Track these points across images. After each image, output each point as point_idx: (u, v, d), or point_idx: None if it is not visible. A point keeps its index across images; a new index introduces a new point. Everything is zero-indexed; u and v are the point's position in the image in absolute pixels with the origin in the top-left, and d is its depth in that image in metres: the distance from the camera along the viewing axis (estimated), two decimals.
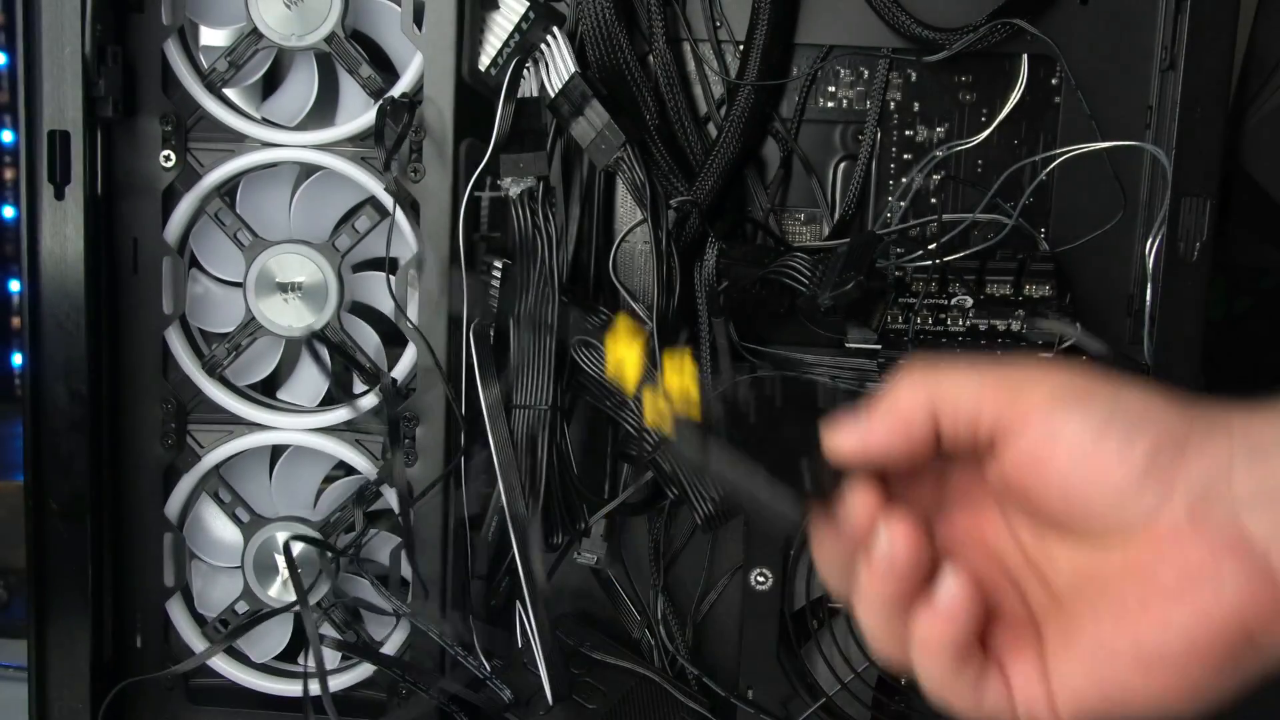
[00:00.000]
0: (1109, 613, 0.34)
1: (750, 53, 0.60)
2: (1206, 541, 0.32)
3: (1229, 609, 0.32)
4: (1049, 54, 0.61)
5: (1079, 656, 0.34)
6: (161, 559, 0.63)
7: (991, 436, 0.35)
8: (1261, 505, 0.32)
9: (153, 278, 0.61)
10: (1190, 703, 0.33)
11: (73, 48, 0.57)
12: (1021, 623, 0.36)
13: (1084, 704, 0.34)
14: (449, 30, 0.57)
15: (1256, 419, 0.33)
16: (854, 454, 0.36)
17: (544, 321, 0.58)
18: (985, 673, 0.35)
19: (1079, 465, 0.34)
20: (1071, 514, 0.35)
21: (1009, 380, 0.35)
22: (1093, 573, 0.35)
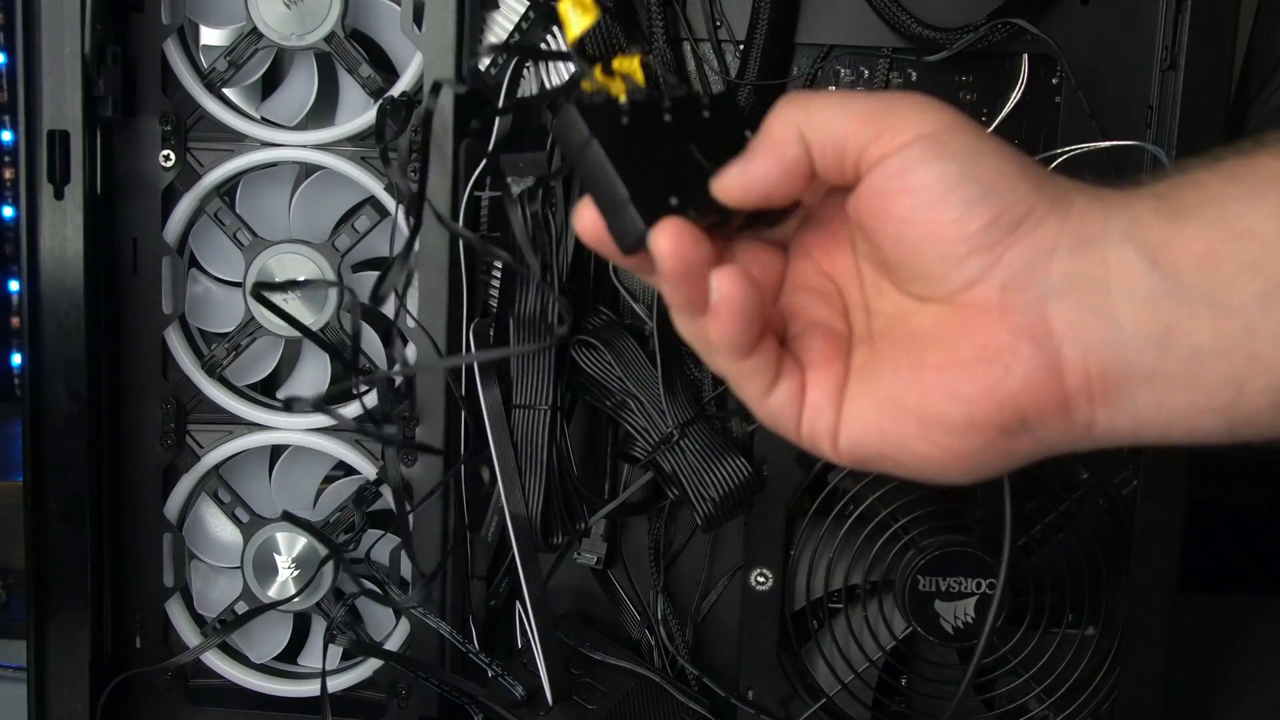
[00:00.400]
0: (907, 367, 0.36)
1: (750, 52, 0.60)
2: (1009, 323, 0.33)
3: (1011, 393, 0.33)
4: (1050, 54, 0.61)
5: (871, 399, 0.36)
6: (161, 559, 0.63)
7: (856, 168, 0.36)
8: (1068, 296, 0.33)
9: (152, 277, 0.61)
10: (957, 469, 0.35)
11: (72, 47, 0.57)
12: (838, 346, 0.38)
13: (861, 443, 0.36)
14: (449, 29, 0.57)
15: (1097, 207, 0.34)
16: (739, 194, 0.37)
17: (544, 322, 0.58)
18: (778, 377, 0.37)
19: (917, 218, 0.34)
20: (901, 261, 0.36)
21: (878, 113, 0.35)
22: (907, 323, 0.37)
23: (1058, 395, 0.33)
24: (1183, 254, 0.32)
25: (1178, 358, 0.32)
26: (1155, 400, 0.33)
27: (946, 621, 0.60)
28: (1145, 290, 0.32)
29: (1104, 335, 0.33)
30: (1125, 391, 0.33)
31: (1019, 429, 0.34)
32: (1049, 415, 0.34)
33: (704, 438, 0.56)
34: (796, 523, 0.62)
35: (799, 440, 0.38)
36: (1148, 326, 0.32)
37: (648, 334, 0.59)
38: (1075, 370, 0.33)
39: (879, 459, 0.36)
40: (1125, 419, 0.33)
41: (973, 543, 0.59)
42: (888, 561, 0.61)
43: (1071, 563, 0.60)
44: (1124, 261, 0.32)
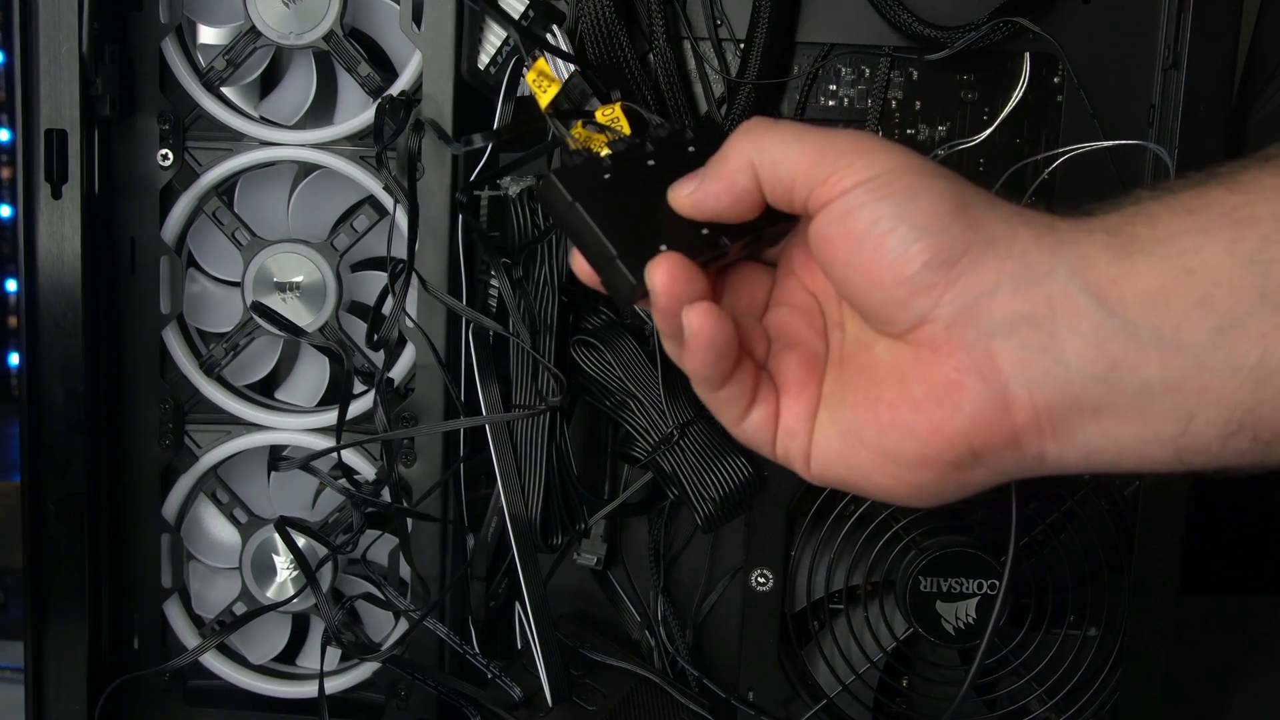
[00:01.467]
0: (865, 402, 0.37)
1: (751, 51, 0.60)
2: (956, 361, 0.34)
3: (960, 430, 0.34)
4: (1051, 52, 0.61)
5: (836, 428, 0.38)
6: (159, 560, 0.63)
7: (804, 205, 0.37)
8: (1012, 334, 0.33)
9: (150, 277, 0.61)
10: (915, 498, 0.37)
11: (70, 46, 0.56)
12: (814, 368, 0.39)
13: (829, 469, 0.38)
14: (448, 28, 0.56)
15: (1044, 241, 0.34)
16: (688, 206, 0.38)
17: (543, 321, 0.57)
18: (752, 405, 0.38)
19: (857, 263, 0.35)
20: (851, 300, 0.37)
21: (826, 155, 0.36)
22: (869, 352, 0.38)
23: (1006, 430, 0.34)
24: (1132, 291, 0.32)
25: (1125, 392, 0.32)
26: (1102, 433, 0.33)
27: (948, 622, 0.60)
28: (1091, 328, 0.32)
29: (1050, 372, 0.33)
30: (1074, 425, 0.33)
31: (971, 463, 0.35)
32: (999, 449, 0.34)
33: (704, 438, 0.56)
34: (797, 523, 0.62)
35: (774, 459, 0.39)
36: (1094, 364, 0.32)
37: (648, 334, 0.59)
38: (1022, 406, 0.33)
39: (846, 484, 0.38)
40: (1074, 451, 0.34)
41: (974, 543, 0.59)
42: (889, 562, 0.61)
43: (1073, 563, 0.60)
44: (1070, 299, 0.33)
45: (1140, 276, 0.32)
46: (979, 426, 0.34)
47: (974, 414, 0.34)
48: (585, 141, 0.41)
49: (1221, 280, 0.31)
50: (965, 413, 0.34)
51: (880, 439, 0.36)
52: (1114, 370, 0.32)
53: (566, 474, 0.60)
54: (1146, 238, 0.32)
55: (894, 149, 0.36)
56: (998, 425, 0.34)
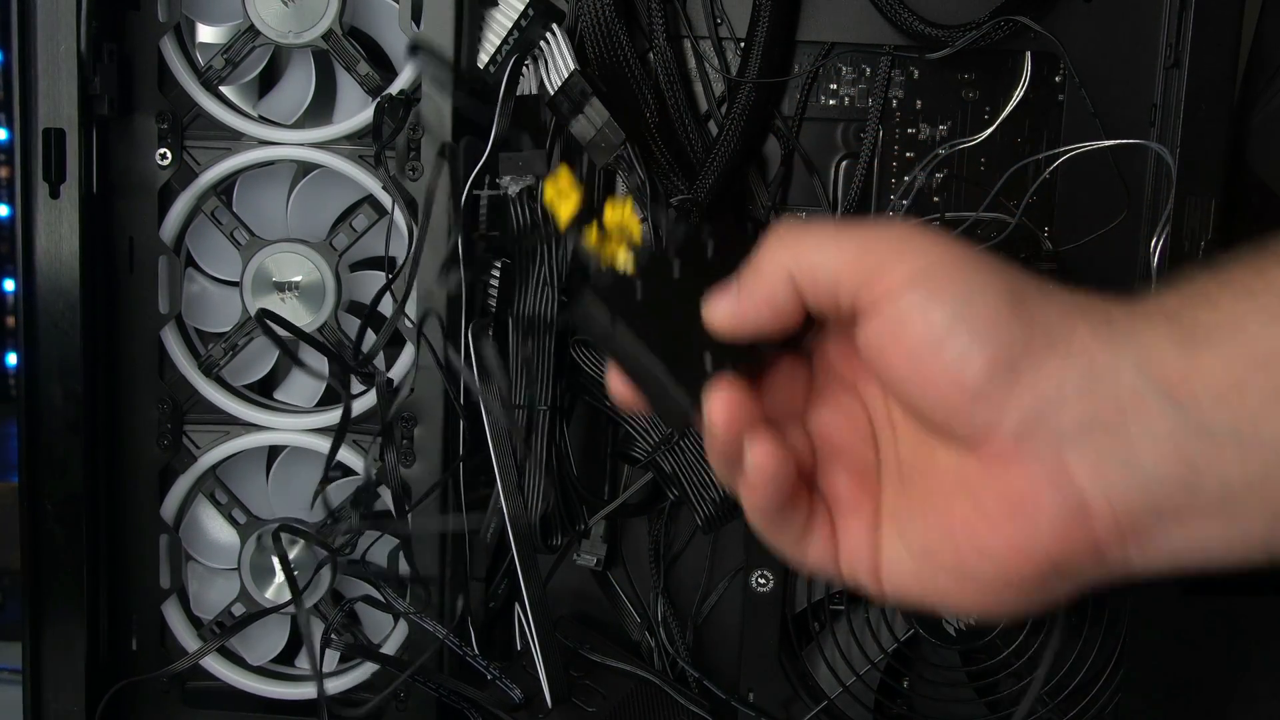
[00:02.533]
0: (936, 519, 0.35)
1: (751, 50, 0.60)
2: (1029, 472, 0.32)
3: (1042, 545, 0.32)
4: (1052, 51, 0.61)
5: (907, 548, 0.36)
6: (157, 561, 0.63)
7: (851, 309, 0.35)
8: (1084, 441, 0.32)
9: (149, 277, 0.61)
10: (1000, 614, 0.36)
11: (68, 45, 0.56)
12: (866, 481, 0.37)
13: (904, 589, 0.36)
14: (448, 27, 0.56)
15: (1101, 335, 0.32)
16: (728, 326, 0.37)
17: (543, 321, 0.57)
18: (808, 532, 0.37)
19: (916, 372, 0.33)
20: (913, 409, 0.35)
21: (870, 254, 0.34)
22: (931, 459, 0.36)
23: (1088, 541, 0.32)
24: (1204, 388, 0.30)
25: (1207, 494, 0.31)
26: (1188, 536, 0.32)
27: (949, 623, 0.59)
28: (1166, 431, 0.31)
29: (1127, 479, 0.31)
30: (1157, 531, 0.32)
31: (1054, 577, 0.33)
32: (1082, 562, 0.33)
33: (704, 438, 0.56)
34: None
35: (845, 583, 0.37)
36: (1172, 467, 0.31)
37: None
38: (1102, 515, 0.32)
39: (921, 603, 0.36)
40: (1160, 555, 0.32)
41: None
42: None
43: None
44: (1140, 400, 0.31)
45: (1211, 370, 0.30)
46: (1059, 540, 0.32)
47: (1053, 528, 0.32)
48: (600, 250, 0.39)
49: None
50: (1044, 528, 0.32)
51: (957, 561, 0.34)
52: (1194, 472, 0.31)
53: (566, 475, 0.60)
54: (1210, 324, 0.31)
55: (938, 239, 0.34)
56: (1078, 537, 0.32)
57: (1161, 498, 0.31)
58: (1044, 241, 0.63)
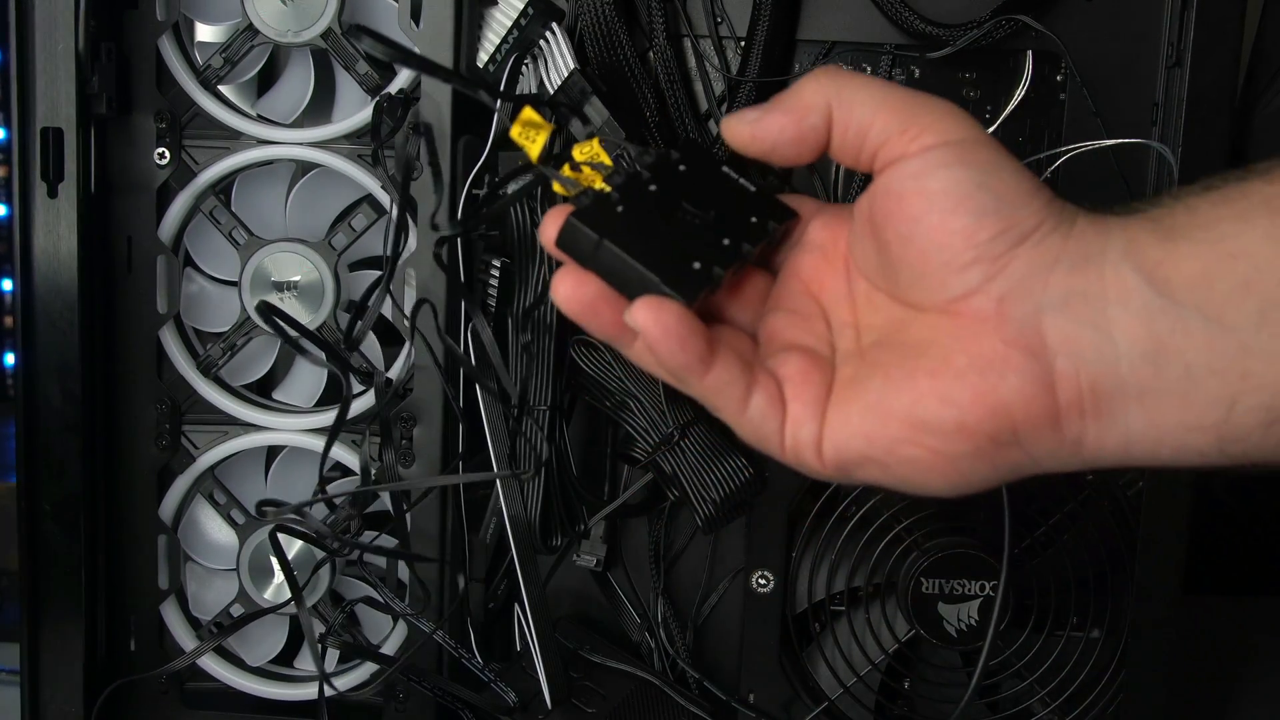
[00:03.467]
0: (900, 374, 0.36)
1: (751, 49, 0.60)
2: (1004, 334, 0.34)
3: (1003, 402, 0.34)
4: (1054, 50, 0.60)
5: (859, 404, 0.36)
6: (156, 561, 0.63)
7: (874, 157, 0.36)
8: (1064, 309, 0.33)
9: (147, 276, 0.60)
10: (942, 474, 0.35)
11: (66, 44, 0.56)
12: (820, 364, 0.38)
13: (846, 448, 0.36)
14: (447, 26, 0.56)
15: (1096, 226, 0.34)
16: (745, 141, 0.38)
17: (542, 321, 0.57)
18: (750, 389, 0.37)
19: (929, 220, 0.35)
20: (905, 261, 0.36)
21: (908, 110, 0.36)
22: (903, 332, 0.37)
23: (1050, 408, 0.34)
24: (1176, 272, 0.32)
25: (1171, 374, 0.32)
26: (1146, 417, 0.33)
27: (950, 624, 0.59)
28: (1140, 306, 0.32)
29: (1098, 349, 0.33)
30: (1117, 407, 0.33)
31: (1009, 440, 0.34)
32: (1040, 428, 0.34)
33: (705, 438, 0.56)
34: (798, 524, 0.62)
35: (783, 454, 0.38)
36: (1142, 342, 0.32)
37: None
38: (1068, 383, 0.33)
39: (863, 464, 0.36)
40: (1115, 436, 0.34)
41: (976, 544, 0.59)
42: (890, 563, 0.60)
43: (1076, 565, 0.60)
44: (1120, 278, 0.33)
45: (1184, 259, 0.32)
46: (1023, 399, 0.33)
47: (1019, 386, 0.33)
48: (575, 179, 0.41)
49: (1261, 265, 0.31)
50: (1010, 384, 0.33)
51: (914, 407, 0.35)
52: (1161, 351, 0.32)
53: (566, 475, 0.59)
54: (1187, 224, 0.33)
55: (973, 120, 0.36)
56: (1042, 401, 0.33)
57: (1127, 372, 0.33)
58: None
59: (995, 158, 0.35)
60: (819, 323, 0.40)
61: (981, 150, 0.35)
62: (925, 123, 0.35)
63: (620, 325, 0.37)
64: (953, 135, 0.35)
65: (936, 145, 0.35)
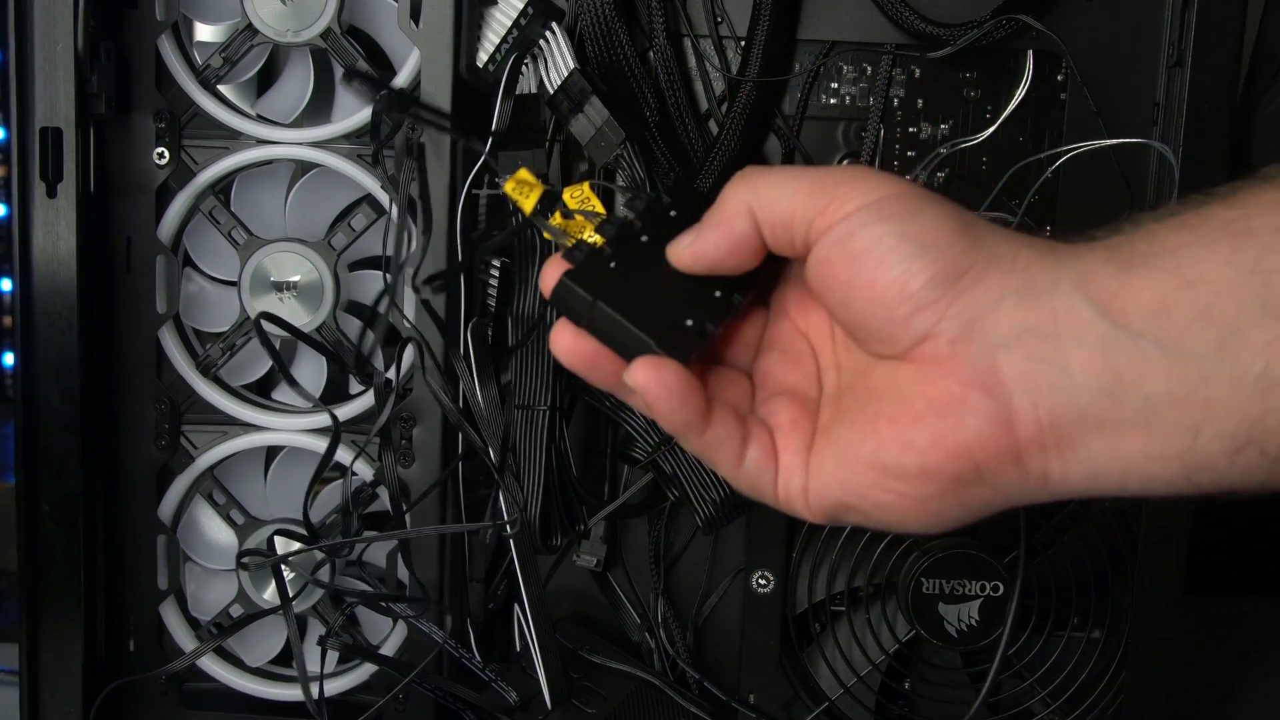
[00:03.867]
0: (864, 420, 0.36)
1: (752, 48, 0.60)
2: (959, 374, 0.34)
3: (963, 442, 0.34)
4: (1054, 50, 0.60)
5: (832, 452, 0.37)
6: (155, 562, 0.62)
7: (804, 241, 0.37)
8: (1016, 346, 0.33)
9: (146, 276, 0.60)
10: (915, 516, 0.36)
11: (65, 44, 0.56)
12: (806, 409, 0.39)
13: (826, 497, 0.37)
14: (446, 26, 0.56)
15: (1046, 260, 0.34)
16: (689, 262, 0.38)
17: (542, 321, 0.57)
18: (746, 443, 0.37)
19: (860, 281, 0.35)
20: (852, 323, 0.37)
21: (823, 188, 0.36)
22: (867, 379, 0.37)
23: (1010, 445, 0.34)
24: (1134, 303, 0.32)
25: (1130, 405, 0.32)
26: (1108, 448, 0.33)
27: (950, 624, 0.59)
28: (1095, 339, 0.32)
29: (1054, 384, 0.33)
30: (1078, 440, 0.33)
31: (973, 479, 0.34)
32: (1003, 465, 0.34)
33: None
34: (798, 524, 0.62)
35: (777, 504, 0.38)
36: (1098, 375, 0.32)
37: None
38: (1027, 420, 0.33)
39: (843, 510, 0.37)
40: (1079, 469, 0.34)
41: (977, 545, 0.59)
42: (890, 564, 0.60)
43: (1077, 565, 0.60)
44: (1073, 310, 0.33)
45: (1142, 289, 0.32)
46: (983, 439, 0.33)
47: (978, 426, 0.33)
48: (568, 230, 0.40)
49: (1222, 291, 0.31)
50: (969, 425, 0.33)
51: (879, 453, 0.35)
52: (1119, 383, 0.32)
53: (566, 475, 0.59)
54: (1145, 252, 0.33)
55: (891, 176, 0.36)
56: (1002, 439, 0.33)
57: (1086, 405, 0.32)
58: None
59: (915, 205, 0.35)
60: (809, 362, 0.40)
61: (899, 202, 0.35)
62: (841, 193, 0.36)
63: (619, 378, 0.37)
64: (869, 196, 0.35)
65: (855, 209, 0.35)
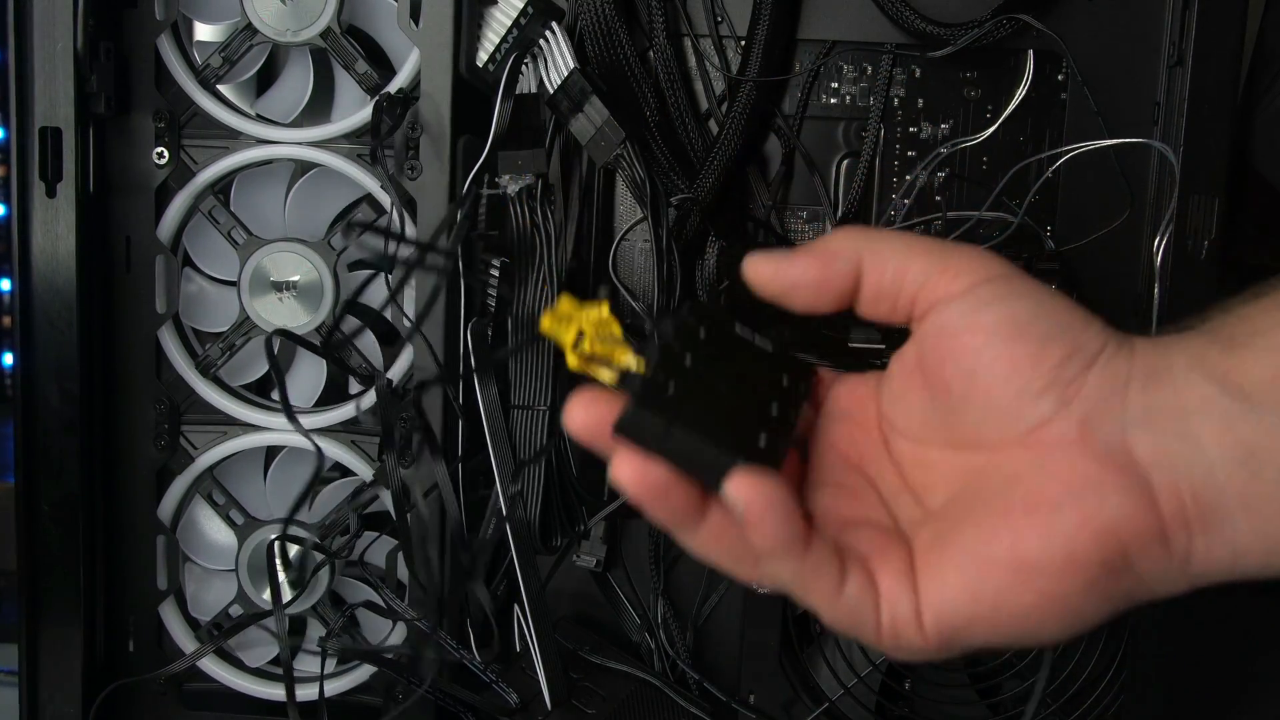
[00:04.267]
0: (989, 519, 0.34)
1: (752, 48, 0.60)
2: (1093, 455, 0.33)
3: (1110, 522, 0.32)
4: (1055, 50, 0.60)
5: (954, 563, 0.34)
6: (154, 562, 0.62)
7: (913, 302, 0.36)
8: (1148, 424, 0.33)
9: (146, 276, 0.60)
10: (1057, 618, 0.33)
11: (65, 43, 0.56)
12: (890, 535, 0.36)
13: (950, 614, 0.33)
14: (446, 25, 0.56)
15: (1158, 345, 0.34)
16: (765, 279, 0.37)
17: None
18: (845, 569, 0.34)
19: (992, 353, 0.34)
20: (970, 401, 0.35)
21: (941, 253, 0.35)
22: (974, 479, 0.35)
23: (1155, 523, 0.32)
24: (1247, 378, 0.32)
25: (1268, 477, 0.31)
26: (1252, 525, 0.32)
27: None
28: (1221, 413, 0.32)
29: (1190, 460, 0.32)
30: (1222, 516, 0.32)
31: (1120, 564, 0.32)
32: (1149, 546, 0.32)
33: None
34: None
35: (879, 638, 0.35)
36: (1231, 449, 0.32)
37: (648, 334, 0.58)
38: (1169, 496, 0.32)
39: (970, 626, 0.33)
40: (1223, 547, 0.33)
41: None
42: None
43: None
44: (1194, 388, 0.32)
45: (1252, 365, 0.32)
46: (1127, 517, 0.32)
47: (1120, 504, 0.32)
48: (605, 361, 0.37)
49: None
50: (1112, 504, 0.32)
51: (1016, 548, 0.32)
52: (1252, 456, 0.32)
53: (566, 475, 0.59)
54: (1247, 332, 0.33)
55: (1001, 256, 0.36)
56: (1147, 516, 0.32)
57: (1224, 479, 0.32)
58: (1046, 241, 0.62)
59: (1040, 288, 0.35)
60: (869, 494, 0.38)
61: (1025, 282, 0.35)
62: (961, 264, 0.35)
63: (690, 508, 0.34)
64: (993, 271, 0.35)
65: (979, 282, 0.34)
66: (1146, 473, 0.32)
